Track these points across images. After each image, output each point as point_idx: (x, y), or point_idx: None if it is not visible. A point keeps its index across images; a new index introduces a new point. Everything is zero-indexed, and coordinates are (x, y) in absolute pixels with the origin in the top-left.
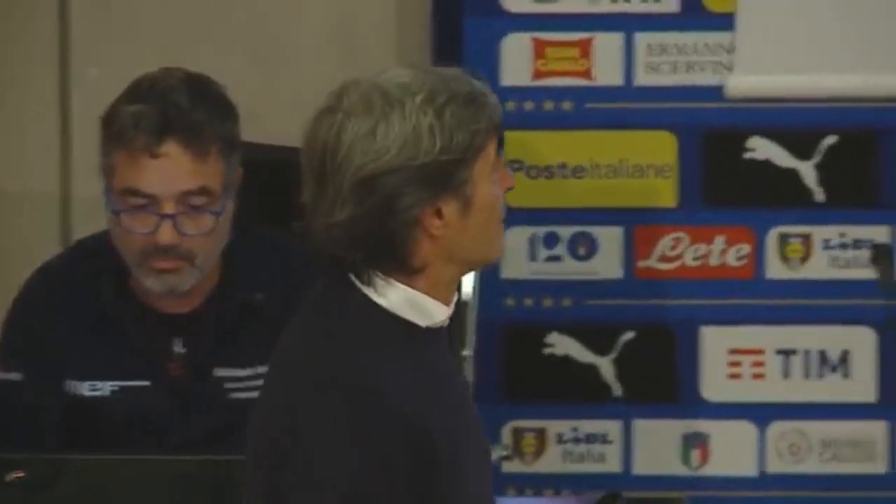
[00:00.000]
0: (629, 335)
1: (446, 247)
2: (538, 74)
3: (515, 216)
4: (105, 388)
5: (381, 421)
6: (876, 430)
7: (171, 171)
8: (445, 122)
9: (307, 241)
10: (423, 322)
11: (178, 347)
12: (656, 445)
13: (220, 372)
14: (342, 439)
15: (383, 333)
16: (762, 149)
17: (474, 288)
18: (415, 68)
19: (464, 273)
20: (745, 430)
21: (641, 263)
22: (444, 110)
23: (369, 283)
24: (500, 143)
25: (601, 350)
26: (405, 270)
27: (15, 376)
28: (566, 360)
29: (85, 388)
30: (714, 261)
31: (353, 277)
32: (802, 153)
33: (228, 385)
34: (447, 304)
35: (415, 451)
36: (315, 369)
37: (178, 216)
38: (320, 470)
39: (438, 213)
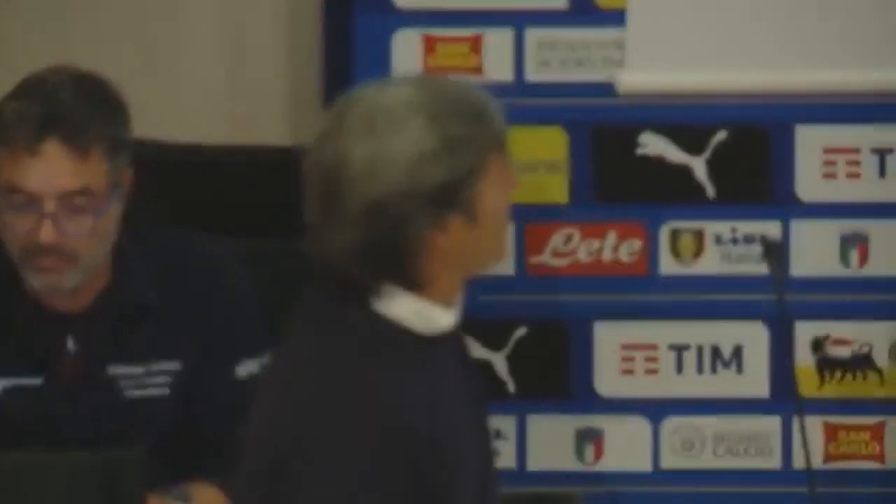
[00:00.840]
0: (522, 331)
1: (453, 258)
2: (429, 70)
3: None
4: None
5: (392, 436)
6: (769, 425)
7: (51, 169)
8: (450, 143)
9: (311, 259)
10: (430, 330)
11: (71, 345)
12: (550, 441)
13: (114, 370)
14: (350, 450)
15: (394, 347)
16: (653, 144)
17: None
18: (416, 82)
19: (470, 276)
20: (638, 425)
21: (534, 259)
22: (448, 130)
23: (377, 297)
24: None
25: (494, 346)
26: (413, 284)
27: None
28: None
29: None
30: (606, 256)
31: (357, 292)
32: (693, 149)
33: (122, 383)
34: (453, 308)
35: (425, 468)
36: (326, 385)
37: (58, 215)
38: (325, 480)
39: (445, 230)
